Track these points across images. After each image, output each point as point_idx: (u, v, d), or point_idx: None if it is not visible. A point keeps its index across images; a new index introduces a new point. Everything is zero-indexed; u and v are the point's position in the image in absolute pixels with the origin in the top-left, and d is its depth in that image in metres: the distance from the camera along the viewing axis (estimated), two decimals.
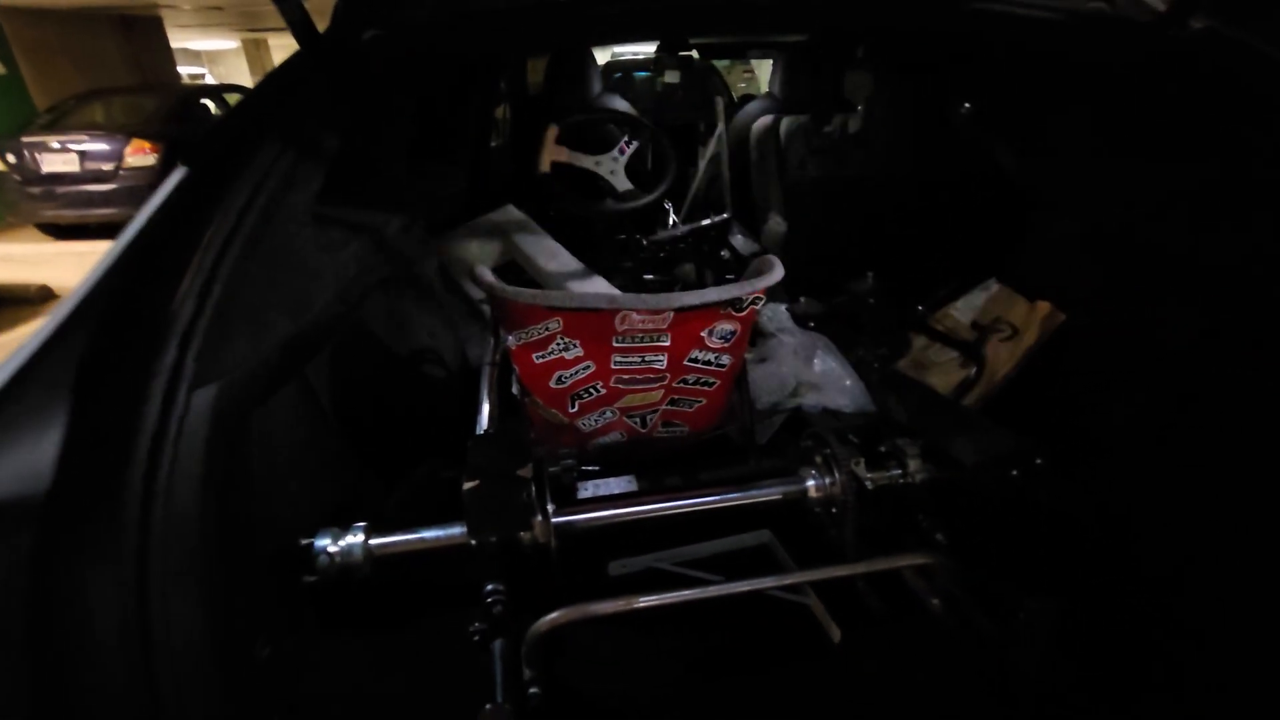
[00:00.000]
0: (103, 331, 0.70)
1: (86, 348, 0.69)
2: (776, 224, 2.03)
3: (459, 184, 1.89)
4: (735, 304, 1.13)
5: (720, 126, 2.14)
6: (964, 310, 1.57)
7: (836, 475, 1.08)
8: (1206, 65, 1.03)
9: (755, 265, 1.19)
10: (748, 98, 3.50)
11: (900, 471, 1.11)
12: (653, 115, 2.29)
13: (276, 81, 1.04)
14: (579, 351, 1.14)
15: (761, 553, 1.21)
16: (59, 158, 6.17)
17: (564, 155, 1.82)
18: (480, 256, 1.86)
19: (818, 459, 1.12)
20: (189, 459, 0.70)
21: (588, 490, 1.23)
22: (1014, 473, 1.05)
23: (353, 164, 1.22)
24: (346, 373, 1.20)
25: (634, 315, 1.08)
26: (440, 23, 1.11)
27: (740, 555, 1.21)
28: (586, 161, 1.88)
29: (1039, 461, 1.06)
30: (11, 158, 6.20)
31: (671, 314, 1.09)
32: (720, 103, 2.23)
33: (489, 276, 1.09)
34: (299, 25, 0.97)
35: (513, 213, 1.94)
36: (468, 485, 0.94)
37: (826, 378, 1.29)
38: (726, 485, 1.15)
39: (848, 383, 1.28)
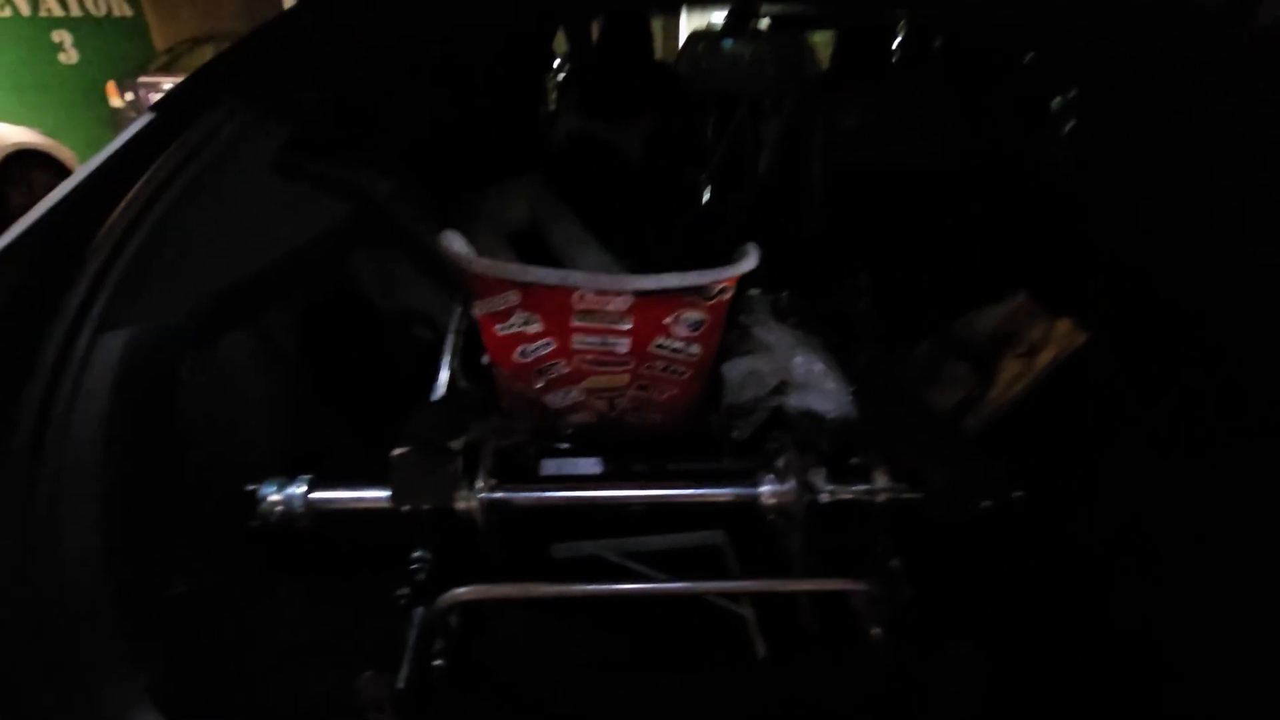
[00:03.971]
0: (28, 269, 0.73)
1: (11, 283, 0.72)
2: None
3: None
4: (702, 292, 1.07)
5: (744, 105, 2.04)
6: (985, 322, 1.44)
7: (791, 482, 1.02)
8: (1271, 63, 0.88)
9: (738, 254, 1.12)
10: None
11: (865, 488, 1.04)
12: (725, 88, 2.20)
13: (254, 38, 1.05)
14: (539, 327, 1.11)
15: (712, 554, 1.17)
16: None
17: (580, 124, 1.78)
18: (499, 221, 1.85)
19: (778, 463, 1.06)
20: (92, 397, 0.72)
21: (550, 468, 1.21)
22: (985, 503, 0.96)
23: (337, 125, 1.23)
24: (322, 329, 1.22)
25: (590, 295, 1.04)
26: None
27: (690, 554, 1.17)
28: (605, 132, 1.83)
29: (1017, 494, 0.96)
30: (130, 95, 6.73)
31: (631, 297, 1.05)
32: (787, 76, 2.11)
33: (452, 243, 1.07)
34: None
35: (535, 180, 1.91)
36: (396, 452, 0.94)
37: (809, 378, 1.21)
38: (677, 479, 1.10)
39: (830, 385, 1.20)
